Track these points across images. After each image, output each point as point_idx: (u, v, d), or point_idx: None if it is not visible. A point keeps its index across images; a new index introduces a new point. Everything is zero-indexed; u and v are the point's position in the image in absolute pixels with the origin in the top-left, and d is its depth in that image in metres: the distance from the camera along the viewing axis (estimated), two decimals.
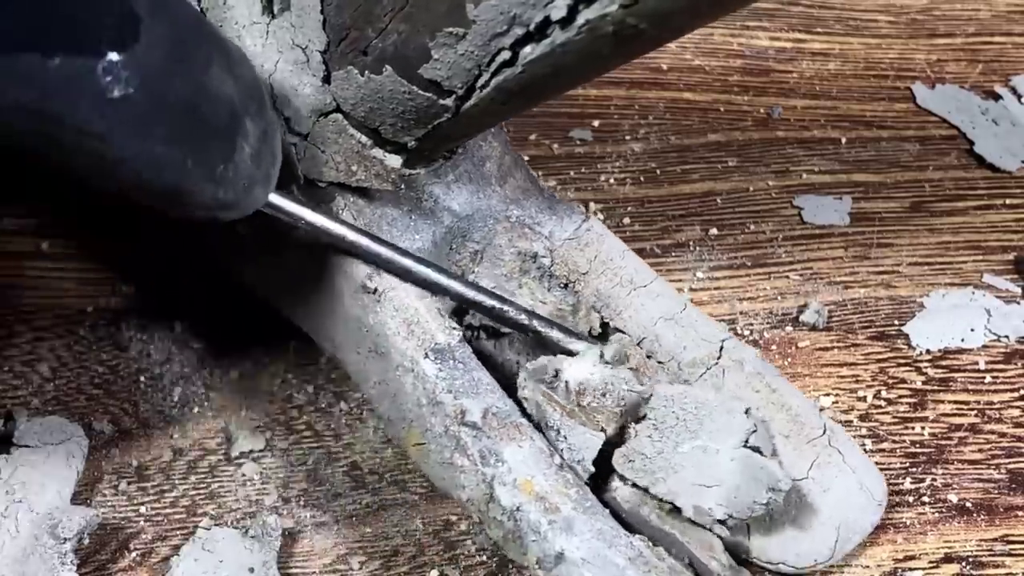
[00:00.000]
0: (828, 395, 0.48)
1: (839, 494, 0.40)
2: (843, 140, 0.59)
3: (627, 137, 0.57)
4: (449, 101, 0.35)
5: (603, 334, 0.43)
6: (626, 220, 0.53)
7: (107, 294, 0.46)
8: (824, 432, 0.40)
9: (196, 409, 0.44)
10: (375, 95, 0.36)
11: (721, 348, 0.42)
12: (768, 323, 0.50)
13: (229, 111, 0.31)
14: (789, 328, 0.50)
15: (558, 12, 0.29)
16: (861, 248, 0.54)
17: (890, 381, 0.49)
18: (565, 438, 0.37)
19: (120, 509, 0.41)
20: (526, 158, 0.55)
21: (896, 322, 0.51)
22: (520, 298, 0.42)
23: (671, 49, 0.62)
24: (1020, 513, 0.45)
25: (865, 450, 0.46)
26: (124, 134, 0.29)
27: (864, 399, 0.48)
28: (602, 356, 0.39)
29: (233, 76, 0.32)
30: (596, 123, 0.57)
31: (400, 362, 0.38)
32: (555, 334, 0.40)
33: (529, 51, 0.31)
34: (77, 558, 0.38)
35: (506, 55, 0.32)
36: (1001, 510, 0.45)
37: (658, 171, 0.56)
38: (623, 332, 0.42)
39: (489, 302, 0.39)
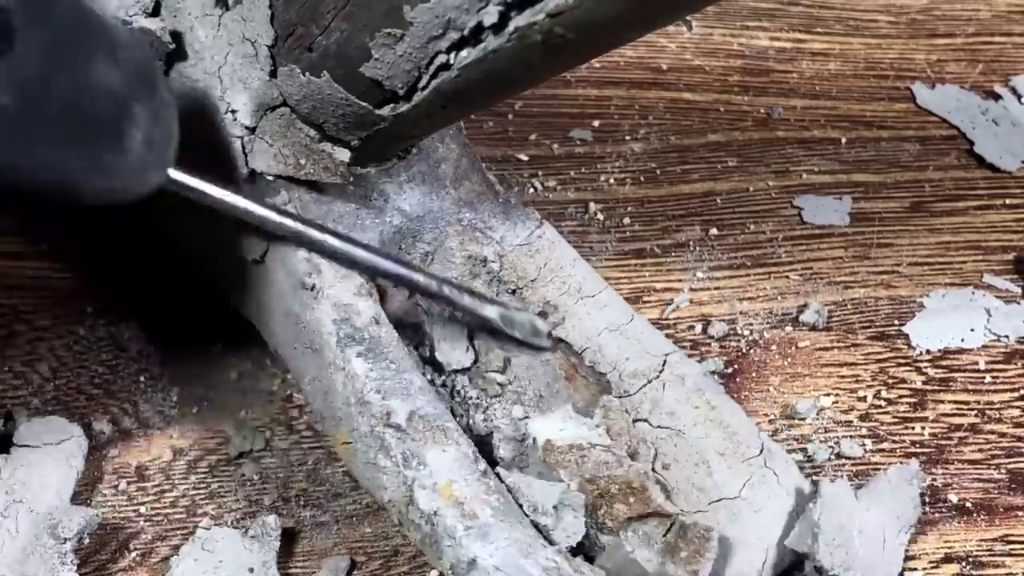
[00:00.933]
0: (828, 395, 0.48)
1: (770, 515, 0.39)
2: (843, 140, 0.59)
3: (627, 137, 0.57)
4: (386, 111, 0.35)
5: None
6: (626, 220, 0.53)
7: (107, 294, 0.46)
8: (761, 452, 0.40)
9: (196, 409, 0.44)
10: (316, 96, 0.37)
11: (664, 362, 0.42)
12: (768, 323, 0.50)
13: (115, 102, 0.31)
14: (789, 328, 0.50)
15: (490, 18, 0.30)
16: (861, 248, 0.54)
17: (890, 381, 0.49)
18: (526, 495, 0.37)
19: (120, 509, 0.41)
20: (525, 158, 0.55)
21: (896, 322, 0.51)
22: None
23: (671, 49, 0.62)
24: (1020, 513, 0.45)
25: (865, 450, 0.46)
26: (2, 143, 0.29)
27: (864, 399, 0.48)
28: (577, 412, 0.39)
29: (119, 64, 0.31)
30: (596, 123, 0.57)
31: (332, 360, 0.38)
32: (467, 300, 0.40)
33: (465, 55, 0.32)
34: (77, 558, 0.38)
35: (443, 58, 0.32)
36: (1001, 510, 0.45)
37: (658, 171, 0.56)
38: (566, 342, 0.43)
39: (399, 270, 0.39)
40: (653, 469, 0.40)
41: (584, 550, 0.37)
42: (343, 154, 0.39)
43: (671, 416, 0.41)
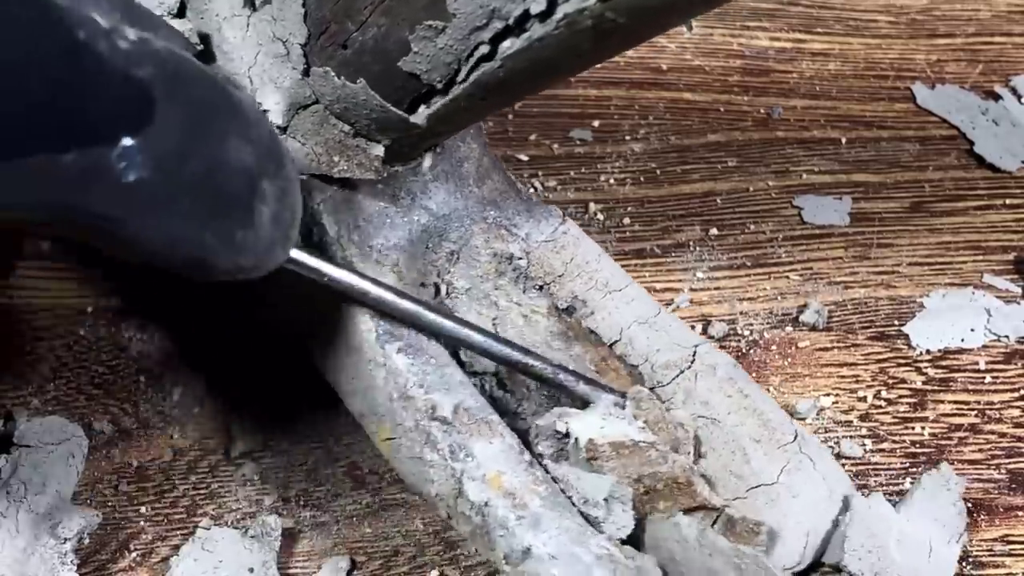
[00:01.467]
0: (828, 395, 0.48)
1: (808, 500, 0.40)
2: (843, 140, 0.59)
3: (627, 137, 0.57)
4: (421, 116, 0.35)
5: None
6: (626, 220, 0.53)
7: (107, 294, 0.46)
8: (795, 438, 0.40)
9: (196, 409, 0.44)
10: (350, 99, 0.36)
11: (694, 353, 0.42)
12: (768, 323, 0.50)
13: (246, 178, 0.31)
14: (789, 328, 0.50)
15: (537, 6, 0.29)
16: (861, 248, 0.54)
17: (890, 381, 0.49)
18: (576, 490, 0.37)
19: (120, 509, 0.41)
20: (525, 158, 0.55)
21: (896, 322, 0.51)
22: (499, 298, 0.42)
23: (671, 49, 0.62)
24: (1020, 513, 0.45)
25: (865, 450, 0.46)
26: (139, 217, 0.29)
27: (864, 399, 0.48)
28: (615, 407, 0.38)
29: (250, 141, 0.31)
30: (596, 123, 0.57)
31: (372, 356, 0.38)
32: (582, 388, 0.39)
33: (508, 45, 0.31)
34: (77, 558, 0.38)
35: (485, 49, 0.32)
36: (1001, 510, 0.45)
37: (658, 171, 0.56)
38: (596, 334, 0.42)
39: (516, 356, 0.38)
40: (695, 461, 0.40)
41: (631, 543, 0.37)
42: (378, 149, 0.38)
43: (705, 405, 0.41)
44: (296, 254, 0.35)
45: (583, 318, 0.43)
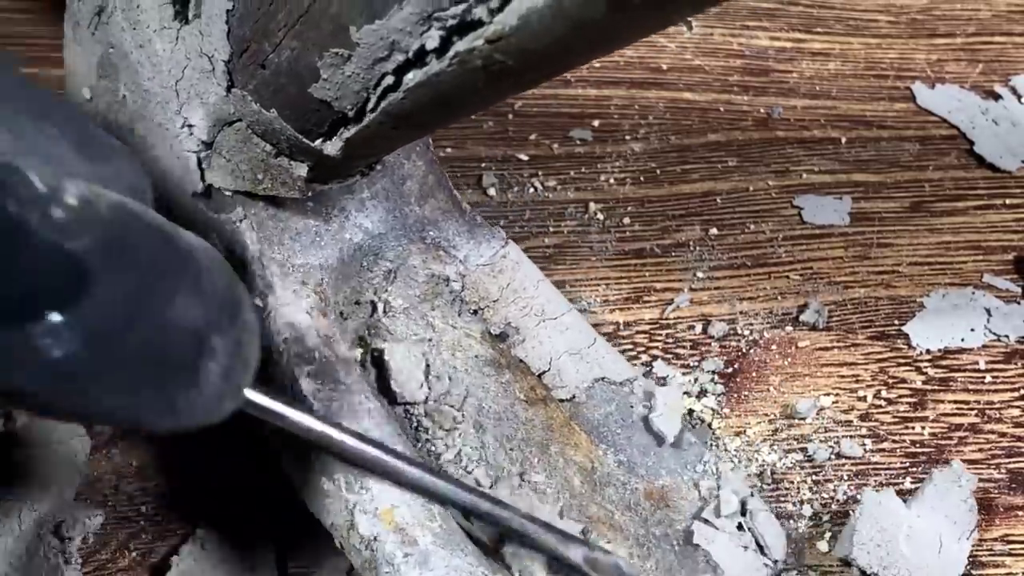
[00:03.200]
0: (828, 395, 0.48)
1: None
2: (843, 140, 0.59)
3: (627, 137, 0.57)
4: (334, 146, 0.35)
5: None
6: (626, 220, 0.53)
7: None
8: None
9: None
10: (268, 125, 0.36)
11: (631, 388, 0.42)
12: (768, 323, 0.50)
13: (194, 339, 0.28)
14: (789, 328, 0.50)
15: (432, 42, 0.30)
16: (861, 248, 0.54)
17: (890, 381, 0.49)
18: None
19: (120, 509, 0.41)
20: (525, 158, 0.55)
21: (896, 322, 0.51)
22: (435, 319, 0.42)
23: (671, 49, 0.62)
24: (1020, 513, 0.45)
25: (865, 450, 0.46)
26: (64, 394, 0.26)
27: (864, 399, 0.48)
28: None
29: (201, 294, 0.29)
30: (596, 123, 0.57)
31: (280, 379, 0.37)
32: (550, 540, 0.37)
33: (411, 77, 0.31)
34: (80, 557, 0.38)
35: (390, 80, 0.32)
36: (1001, 510, 0.45)
37: (658, 171, 0.56)
38: (525, 363, 0.42)
39: (486, 507, 0.36)
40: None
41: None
42: (301, 169, 0.38)
43: None
44: (252, 396, 0.32)
45: (514, 345, 0.43)
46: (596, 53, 0.32)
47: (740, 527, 0.40)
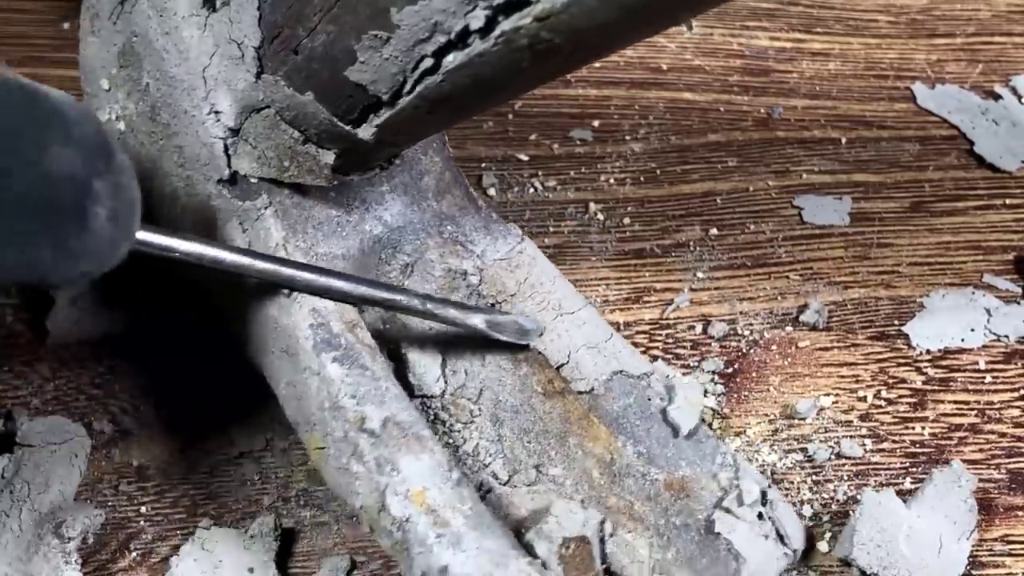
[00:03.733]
0: (828, 395, 0.48)
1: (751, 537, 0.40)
2: (843, 140, 0.59)
3: (627, 137, 0.57)
4: (368, 131, 0.35)
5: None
6: (626, 220, 0.53)
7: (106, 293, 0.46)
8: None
9: (195, 410, 0.44)
10: (299, 108, 0.36)
11: (648, 382, 0.42)
12: (768, 323, 0.50)
13: (73, 185, 0.30)
14: (789, 328, 0.50)
15: (477, 22, 0.30)
16: (861, 248, 0.54)
17: (890, 381, 0.49)
18: None
19: (120, 509, 0.41)
20: (525, 158, 0.55)
21: (896, 322, 0.51)
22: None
23: (671, 49, 0.62)
24: (1020, 513, 0.45)
25: (865, 450, 0.46)
26: None
27: (864, 399, 0.48)
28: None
29: (74, 143, 0.30)
30: (596, 123, 0.57)
31: (308, 364, 0.37)
32: (451, 313, 0.39)
33: (451, 60, 0.31)
34: (80, 556, 0.38)
35: (429, 62, 0.32)
36: (1001, 510, 0.45)
37: (658, 171, 0.56)
38: (544, 356, 0.42)
39: (381, 295, 0.38)
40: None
41: None
42: (328, 156, 0.38)
43: None
44: (144, 235, 0.33)
45: (539, 325, 0.43)
46: (646, 32, 0.32)
47: (760, 516, 0.40)
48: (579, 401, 0.42)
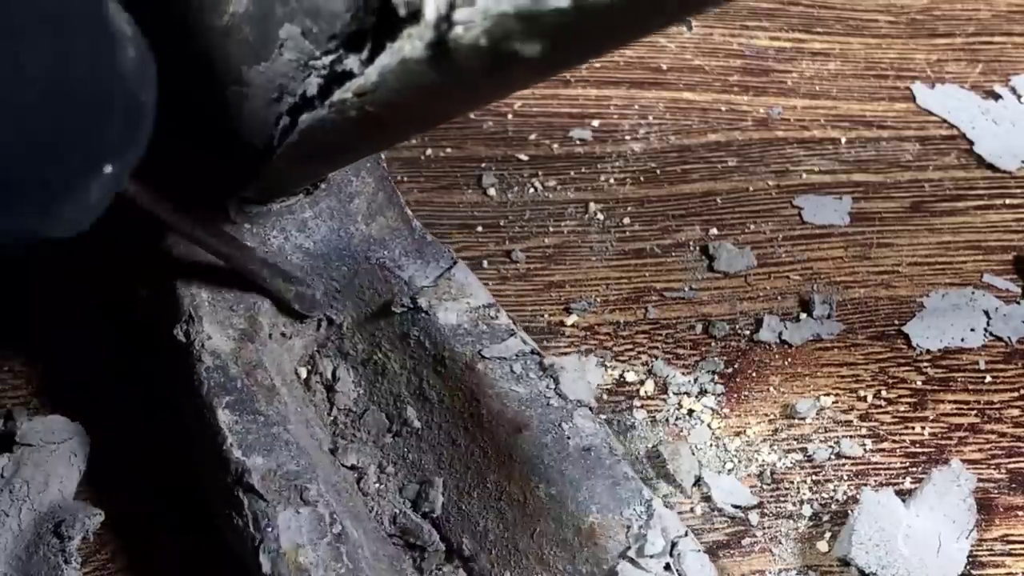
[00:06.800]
0: (828, 395, 0.48)
1: None
2: (843, 140, 0.59)
3: (627, 137, 0.57)
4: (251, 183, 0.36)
5: None
6: (626, 220, 0.53)
7: (106, 292, 0.46)
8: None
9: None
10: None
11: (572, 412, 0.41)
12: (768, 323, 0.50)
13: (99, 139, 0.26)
14: (789, 328, 0.50)
15: (312, 89, 0.30)
16: (861, 248, 0.54)
17: (890, 381, 0.49)
18: None
19: (120, 509, 0.41)
20: (525, 158, 0.55)
21: (896, 322, 0.51)
22: (382, 339, 0.42)
23: (671, 49, 0.62)
24: (1020, 513, 0.45)
25: (865, 450, 0.46)
26: None
27: (864, 399, 0.48)
28: None
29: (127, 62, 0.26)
30: (596, 123, 0.57)
31: (201, 407, 0.37)
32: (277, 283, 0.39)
33: (304, 119, 0.31)
34: (80, 556, 0.38)
35: (286, 120, 0.32)
36: (1001, 510, 0.45)
37: (658, 171, 0.56)
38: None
39: (225, 249, 0.38)
40: None
41: None
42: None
43: None
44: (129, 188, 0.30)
45: (457, 369, 0.41)
46: (469, 107, 0.33)
47: (668, 568, 0.37)
48: (496, 438, 0.40)
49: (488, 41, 0.23)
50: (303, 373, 0.42)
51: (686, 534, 0.38)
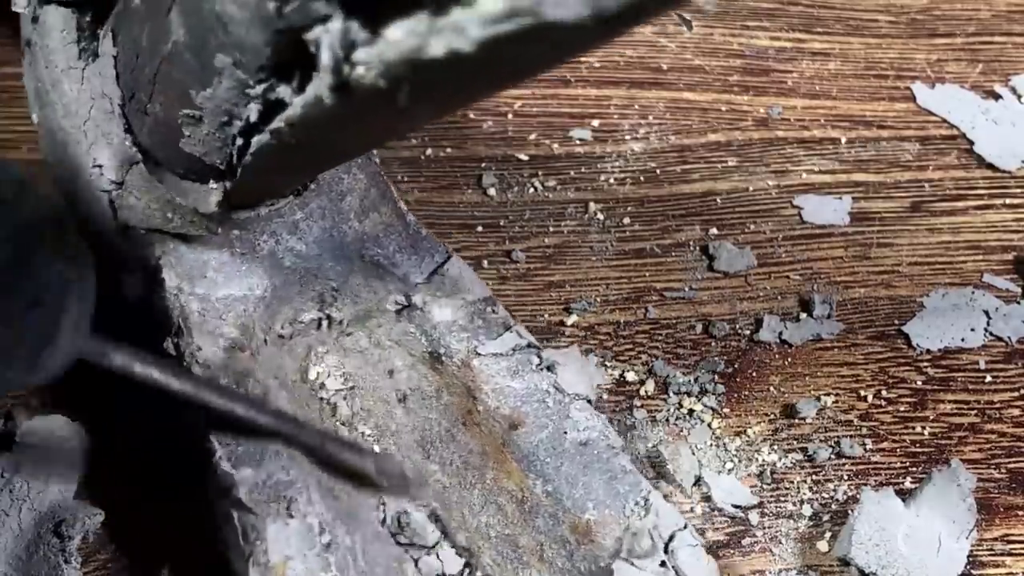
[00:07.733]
0: (828, 395, 0.48)
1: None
2: (843, 140, 0.59)
3: (627, 137, 0.57)
4: (210, 207, 0.36)
5: None
6: (626, 220, 0.53)
7: (104, 292, 0.46)
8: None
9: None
10: (161, 163, 0.37)
11: (568, 411, 0.41)
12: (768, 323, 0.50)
13: (55, 300, 0.29)
14: (789, 328, 0.50)
15: (253, 115, 0.30)
16: (861, 248, 0.54)
17: (890, 381, 0.49)
18: None
19: (120, 509, 0.41)
20: (525, 158, 0.55)
21: (896, 322, 0.51)
22: (382, 337, 0.41)
23: (671, 49, 0.62)
24: (1020, 513, 0.45)
25: (865, 450, 0.46)
26: None
27: (864, 399, 0.48)
28: None
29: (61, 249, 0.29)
30: (596, 123, 0.57)
31: (194, 418, 0.37)
32: (345, 454, 0.37)
33: (257, 140, 0.31)
34: (80, 556, 0.38)
35: (240, 141, 0.32)
36: (1001, 510, 0.45)
37: (658, 171, 0.56)
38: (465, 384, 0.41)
39: (283, 428, 0.36)
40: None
41: None
42: (207, 206, 0.37)
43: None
44: (89, 344, 0.32)
45: (454, 366, 0.42)
46: (391, 136, 0.33)
47: (663, 564, 0.37)
48: (494, 435, 0.40)
49: (386, 82, 0.24)
50: (309, 373, 0.42)
51: (685, 527, 0.38)
